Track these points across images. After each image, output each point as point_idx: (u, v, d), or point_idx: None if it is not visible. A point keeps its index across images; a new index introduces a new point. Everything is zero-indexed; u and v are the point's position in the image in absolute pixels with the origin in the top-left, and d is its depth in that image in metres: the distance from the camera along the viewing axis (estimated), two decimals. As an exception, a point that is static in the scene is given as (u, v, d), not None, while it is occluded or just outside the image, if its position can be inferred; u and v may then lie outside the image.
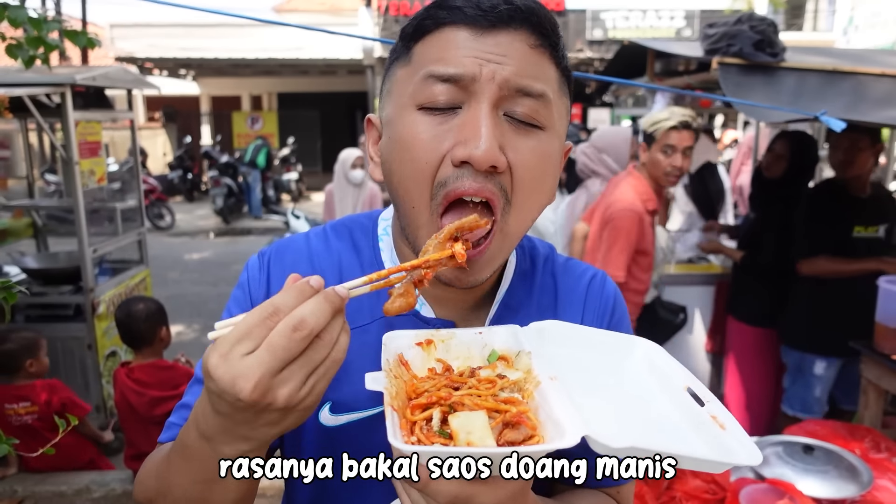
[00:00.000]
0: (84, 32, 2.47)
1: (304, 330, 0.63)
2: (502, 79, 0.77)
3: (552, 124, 0.82)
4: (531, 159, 0.80)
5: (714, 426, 0.70)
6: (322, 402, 0.90)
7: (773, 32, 3.21)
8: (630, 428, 0.71)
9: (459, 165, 0.77)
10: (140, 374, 3.28)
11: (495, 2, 0.78)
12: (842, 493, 2.24)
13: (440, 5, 0.81)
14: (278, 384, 0.63)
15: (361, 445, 0.90)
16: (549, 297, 0.99)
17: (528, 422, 0.68)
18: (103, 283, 4.40)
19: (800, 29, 18.35)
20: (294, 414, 0.66)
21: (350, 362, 0.87)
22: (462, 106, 0.79)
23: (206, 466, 0.72)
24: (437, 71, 0.78)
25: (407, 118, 0.81)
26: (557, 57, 0.83)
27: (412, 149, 0.79)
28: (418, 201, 0.81)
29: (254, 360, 0.62)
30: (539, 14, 0.80)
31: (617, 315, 1.02)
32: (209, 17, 15.14)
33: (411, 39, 0.83)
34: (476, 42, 0.78)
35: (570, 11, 14.31)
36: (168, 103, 19.60)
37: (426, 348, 0.81)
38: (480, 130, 0.76)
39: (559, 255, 1.06)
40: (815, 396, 3.47)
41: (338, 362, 0.67)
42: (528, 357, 0.78)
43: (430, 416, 0.68)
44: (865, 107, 2.92)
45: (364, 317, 0.92)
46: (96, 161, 4.52)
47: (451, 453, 0.61)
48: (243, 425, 0.67)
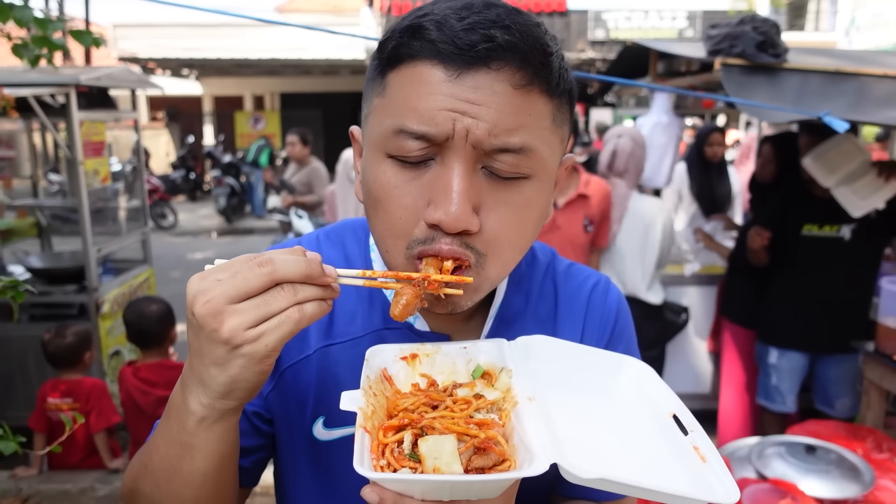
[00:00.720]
0: (89, 32, 2.49)
1: (267, 266, 0.65)
2: (476, 139, 0.70)
3: (539, 169, 0.76)
4: (508, 215, 0.75)
5: (695, 458, 0.68)
6: (315, 416, 0.89)
7: (775, 34, 3.21)
8: (605, 455, 0.69)
9: (432, 226, 0.73)
10: (147, 374, 3.31)
11: (474, 38, 0.69)
12: (844, 494, 2.24)
13: (414, 33, 0.72)
14: (229, 312, 0.64)
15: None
16: (548, 305, 0.96)
17: (497, 447, 0.66)
18: (107, 283, 4.41)
19: (801, 29, 18.32)
20: (237, 358, 0.65)
21: (343, 375, 0.88)
22: (435, 158, 0.73)
23: (180, 422, 0.72)
24: (409, 127, 0.71)
25: (378, 166, 0.76)
26: (551, 88, 0.74)
27: (385, 203, 0.75)
28: (393, 250, 0.77)
29: (218, 282, 0.65)
30: (524, 48, 0.70)
31: (620, 325, 0.98)
32: (212, 18, 15.16)
33: (387, 64, 0.75)
34: (451, 86, 0.70)
35: (572, 12, 14.31)
36: (171, 103, 19.61)
37: (411, 363, 0.80)
38: (452, 193, 0.70)
39: (561, 260, 1.03)
40: (773, 385, 3.58)
41: (297, 323, 0.66)
42: (508, 376, 0.76)
43: (401, 439, 0.68)
44: (868, 107, 2.92)
45: (357, 329, 0.90)
46: (100, 161, 4.53)
47: (412, 480, 0.61)
48: (197, 358, 0.68)
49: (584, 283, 0.99)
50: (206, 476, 0.75)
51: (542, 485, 0.88)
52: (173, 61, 14.75)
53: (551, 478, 0.94)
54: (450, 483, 0.62)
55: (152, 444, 0.79)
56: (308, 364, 0.89)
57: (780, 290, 3.55)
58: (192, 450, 0.73)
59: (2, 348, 4.18)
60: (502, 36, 0.69)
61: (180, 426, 0.72)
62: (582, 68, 13.60)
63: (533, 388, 0.74)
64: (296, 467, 0.93)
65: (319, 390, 0.89)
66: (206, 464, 0.74)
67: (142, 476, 0.80)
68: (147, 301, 3.50)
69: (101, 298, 4.22)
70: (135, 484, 0.82)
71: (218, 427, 0.72)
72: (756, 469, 2.43)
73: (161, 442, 0.76)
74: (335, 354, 0.89)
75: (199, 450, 0.73)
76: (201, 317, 0.64)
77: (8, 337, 4.17)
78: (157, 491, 0.77)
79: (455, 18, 0.70)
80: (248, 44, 14.17)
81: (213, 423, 0.71)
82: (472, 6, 0.72)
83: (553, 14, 14.44)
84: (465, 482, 0.62)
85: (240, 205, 14.22)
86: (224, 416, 0.71)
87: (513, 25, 0.70)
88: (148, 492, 0.79)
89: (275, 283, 0.66)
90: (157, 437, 0.78)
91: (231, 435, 0.74)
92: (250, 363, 0.66)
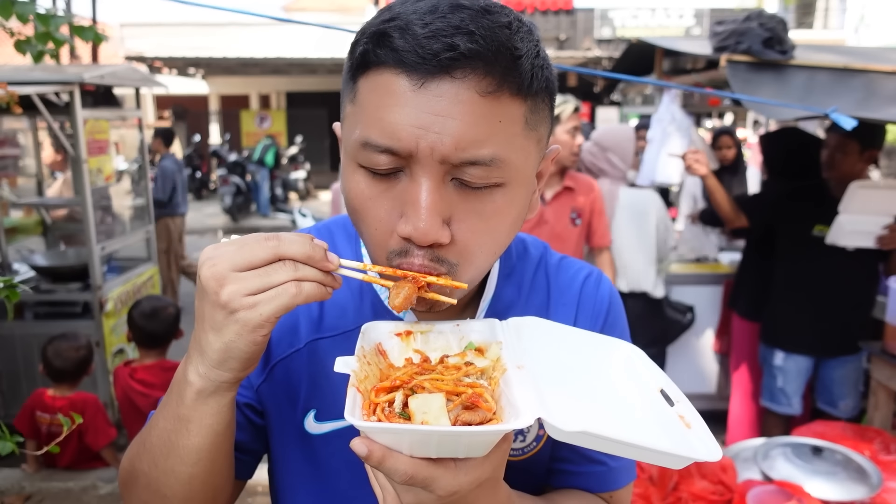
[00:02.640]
0: (91, 28, 2.48)
1: (272, 241, 0.69)
2: (442, 155, 0.69)
3: (512, 176, 0.74)
4: (479, 225, 0.75)
5: (680, 425, 0.70)
6: (307, 409, 0.90)
7: (782, 30, 3.18)
8: (591, 416, 0.70)
9: (405, 239, 0.74)
10: (145, 375, 3.30)
11: (435, 47, 0.67)
12: (850, 496, 2.22)
13: (379, 40, 0.71)
14: (232, 278, 0.68)
15: (347, 453, 0.89)
16: (541, 296, 0.97)
17: (485, 404, 0.68)
18: (111, 281, 4.42)
19: (810, 27, 18.22)
20: (232, 323, 0.68)
21: (332, 370, 0.89)
22: (404, 170, 0.73)
23: (179, 394, 0.75)
24: (374, 140, 0.71)
25: (353, 176, 0.76)
26: (522, 90, 0.72)
27: (362, 214, 0.76)
28: (376, 258, 0.79)
29: (226, 251, 0.69)
30: (488, 55, 0.68)
31: (612, 316, 0.99)
32: (218, 17, 15.22)
33: (356, 69, 0.75)
34: (416, 96, 0.69)
35: (578, 10, 14.29)
36: (177, 102, 19.69)
37: (405, 339, 0.82)
38: (420, 209, 0.71)
39: (553, 253, 1.04)
40: (779, 387, 3.55)
41: (293, 298, 0.69)
42: (498, 347, 0.79)
43: (392, 399, 0.69)
44: (876, 104, 2.89)
45: (348, 322, 0.91)
46: (104, 159, 4.54)
47: (399, 430, 0.63)
48: (199, 324, 0.71)
49: (577, 274, 1.00)
50: (200, 452, 0.77)
51: (535, 475, 0.88)
52: (180, 60, 14.79)
53: (543, 469, 0.95)
54: (437, 434, 0.63)
55: (152, 422, 0.81)
56: (299, 357, 0.91)
57: (784, 289, 3.51)
58: (189, 423, 0.75)
59: (6, 347, 4.19)
60: (465, 44, 0.67)
61: (179, 399, 0.75)
62: (588, 66, 13.56)
63: (522, 358, 0.75)
64: (287, 461, 0.94)
65: (310, 383, 0.90)
66: (200, 439, 0.76)
67: (140, 455, 0.82)
68: (159, 305, 3.48)
69: (105, 297, 4.23)
70: (132, 464, 0.84)
71: (213, 402, 0.74)
72: (761, 470, 2.41)
73: (160, 417, 0.79)
74: (326, 348, 0.91)
75: (195, 423, 0.75)
76: (206, 279, 0.68)
77: (12, 335, 4.18)
78: (154, 468, 0.79)
79: (419, 24, 0.69)
80: (255, 43, 14.21)
81: (208, 395, 0.74)
82: (438, 8, 0.69)
83: (559, 12, 14.41)
84: (452, 433, 0.63)
85: (245, 203, 14.25)
86: (219, 390, 0.74)
87: (476, 31, 0.68)
88: (146, 470, 0.81)
89: (278, 258, 0.69)
90: (158, 413, 0.80)
91: (226, 412, 0.76)
92: (244, 330, 0.68)
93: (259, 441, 0.95)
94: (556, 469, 0.96)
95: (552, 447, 0.95)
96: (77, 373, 3.46)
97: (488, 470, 0.68)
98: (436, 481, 0.64)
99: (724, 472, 2.36)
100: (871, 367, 3.14)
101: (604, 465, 0.94)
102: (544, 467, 0.96)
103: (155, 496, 0.81)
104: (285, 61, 14.75)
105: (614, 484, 0.95)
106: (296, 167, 15.98)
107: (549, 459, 0.95)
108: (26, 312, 4.28)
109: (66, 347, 3.43)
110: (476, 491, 0.68)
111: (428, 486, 0.65)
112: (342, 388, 0.74)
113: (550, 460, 0.95)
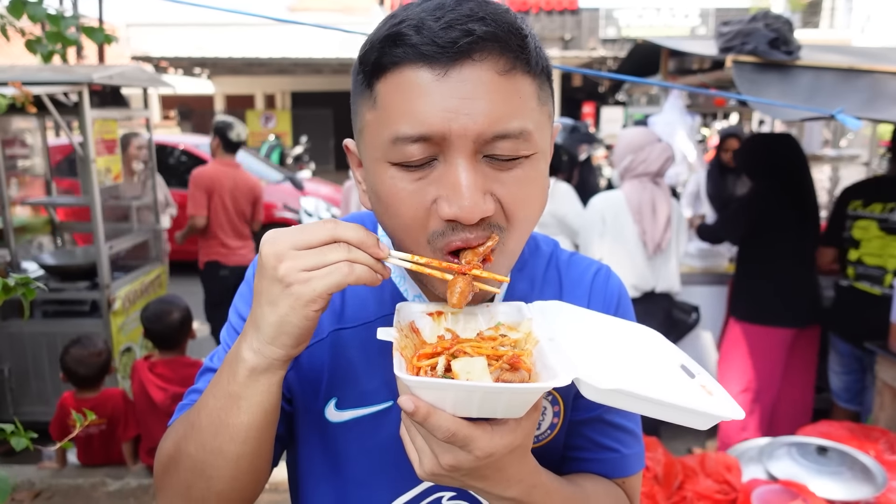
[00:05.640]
0: (101, 29, 2.50)
1: (331, 224, 0.74)
2: (475, 133, 0.73)
3: (536, 146, 0.79)
4: (519, 191, 0.78)
5: (703, 392, 0.73)
6: (328, 397, 0.93)
7: (788, 30, 3.18)
8: (622, 378, 0.74)
9: (449, 221, 0.76)
10: (164, 370, 3.33)
11: (453, 35, 0.72)
12: (855, 495, 2.22)
13: (394, 41, 0.74)
14: (289, 255, 0.72)
15: (367, 441, 0.92)
16: (553, 290, 1.00)
17: (524, 364, 0.72)
18: (119, 280, 4.44)
19: (816, 27, 18.15)
20: (286, 297, 0.72)
21: (354, 359, 0.92)
22: (438, 158, 0.76)
23: (232, 371, 0.78)
24: (405, 132, 0.74)
25: (383, 174, 0.78)
26: (531, 68, 0.77)
27: (395, 205, 0.78)
28: (415, 248, 0.80)
29: (287, 233, 0.74)
30: (502, 35, 0.74)
31: (622, 309, 1.02)
32: (224, 17, 15.21)
33: (372, 76, 0.77)
34: (440, 84, 0.72)
35: (583, 10, 14.27)
36: (183, 102, 19.75)
37: (436, 319, 0.85)
38: (461, 186, 0.74)
39: (563, 250, 1.06)
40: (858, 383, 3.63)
41: (345, 276, 0.72)
42: (528, 323, 0.83)
43: (434, 364, 0.73)
44: (882, 104, 2.89)
45: (369, 314, 0.94)
46: (112, 159, 4.57)
47: (446, 385, 0.66)
48: (256, 299, 0.75)
49: (587, 269, 1.03)
50: (249, 430, 0.79)
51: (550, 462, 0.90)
52: (185, 60, 14.84)
53: (558, 457, 0.97)
54: (481, 391, 0.66)
55: (200, 402, 0.83)
56: (322, 347, 0.93)
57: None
58: (240, 400, 0.77)
59: (16, 345, 4.23)
60: (480, 27, 0.72)
61: (231, 376, 0.78)
62: (593, 66, 13.55)
63: (552, 333, 0.79)
64: (307, 448, 0.96)
65: (332, 372, 0.93)
66: (250, 416, 0.78)
67: (187, 436, 0.83)
68: (169, 308, 3.50)
69: (113, 295, 4.26)
70: (176, 446, 0.85)
71: (264, 379, 0.77)
72: (766, 470, 2.41)
73: (210, 396, 0.81)
74: (347, 338, 0.93)
75: (246, 400, 0.77)
76: (266, 256, 0.72)
77: (21, 334, 4.21)
78: (202, 450, 0.81)
79: (431, 20, 0.73)
80: (260, 43, 14.24)
81: (260, 373, 0.76)
82: (444, 5, 0.74)
83: (564, 12, 14.40)
84: (495, 389, 0.66)
85: (250, 203, 14.27)
86: (271, 368, 0.76)
87: (487, 16, 0.74)
88: (193, 452, 0.82)
89: (334, 239, 0.73)
90: (207, 392, 0.82)
91: (275, 391, 0.79)
92: (297, 304, 0.72)
93: (287, 428, 0.97)
94: (570, 457, 0.98)
95: (566, 435, 0.97)
96: (100, 376, 3.49)
97: (520, 436, 0.71)
98: (475, 440, 0.68)
99: (729, 472, 2.37)
100: (876, 368, 3.14)
101: (616, 453, 0.97)
102: (559, 454, 0.98)
103: (200, 478, 0.82)
104: (290, 61, 14.79)
105: (627, 470, 0.98)
106: (301, 167, 16.01)
107: (563, 447, 0.98)
108: (35, 311, 4.31)
109: (87, 354, 3.42)
110: (508, 456, 0.72)
111: (467, 446, 0.68)
112: (363, 378, 0.77)
113: (564, 448, 0.98)
